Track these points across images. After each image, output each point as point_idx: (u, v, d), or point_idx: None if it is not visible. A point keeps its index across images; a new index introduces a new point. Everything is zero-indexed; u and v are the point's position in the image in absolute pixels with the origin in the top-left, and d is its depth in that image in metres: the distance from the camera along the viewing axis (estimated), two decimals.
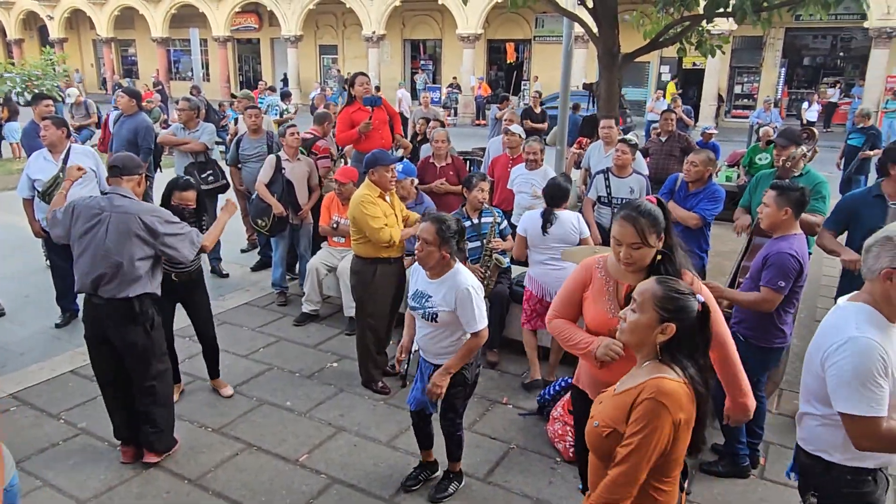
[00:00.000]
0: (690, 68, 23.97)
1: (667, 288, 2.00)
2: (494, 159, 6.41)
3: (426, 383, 3.33)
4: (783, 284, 3.31)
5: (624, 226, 2.47)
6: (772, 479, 3.74)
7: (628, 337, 2.05)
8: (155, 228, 3.47)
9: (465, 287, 3.15)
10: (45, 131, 5.29)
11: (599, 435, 2.01)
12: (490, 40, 27.16)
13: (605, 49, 6.87)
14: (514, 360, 5.05)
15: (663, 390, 1.90)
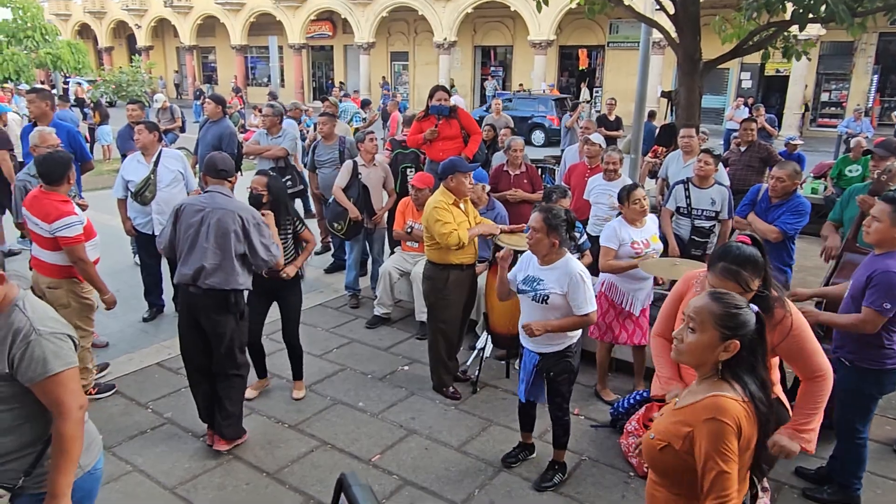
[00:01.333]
0: (773, 75, 23.11)
1: (724, 304, 1.94)
2: (571, 167, 6.35)
3: (530, 375, 3.55)
4: (888, 307, 3.10)
5: (725, 282, 2.45)
6: None
7: (687, 358, 1.98)
8: (247, 227, 3.70)
9: (577, 272, 3.40)
10: (138, 135, 5.58)
11: (654, 448, 1.99)
12: (562, 46, 26.95)
13: (686, 56, 6.71)
14: (585, 370, 4.95)
15: (722, 409, 1.86)
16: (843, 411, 3.47)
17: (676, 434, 1.93)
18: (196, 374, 3.94)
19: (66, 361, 2.08)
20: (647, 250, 4.27)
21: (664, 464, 1.98)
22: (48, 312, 2.15)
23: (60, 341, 2.08)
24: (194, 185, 5.89)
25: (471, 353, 5.13)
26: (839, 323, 3.30)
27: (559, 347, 3.54)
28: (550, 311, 3.44)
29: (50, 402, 2.08)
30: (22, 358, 2.02)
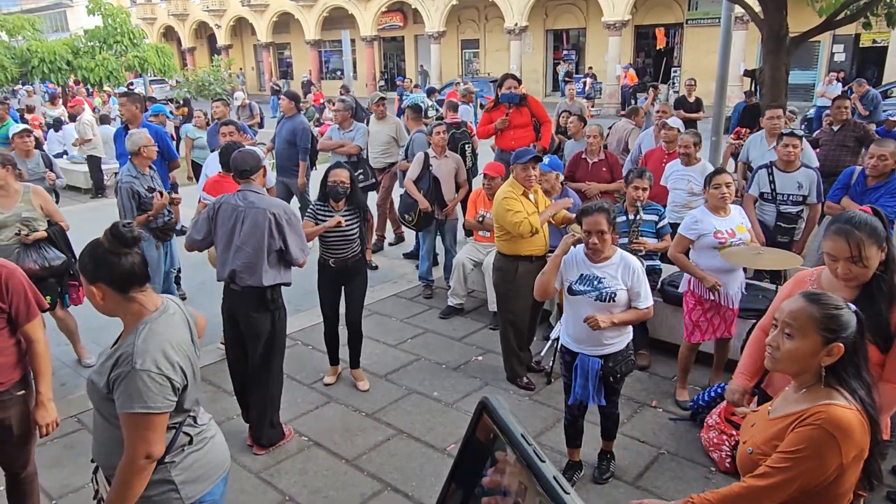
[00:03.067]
0: (869, 46, 21.55)
1: (823, 306, 1.82)
2: (648, 153, 6.17)
3: (588, 380, 3.37)
4: None
5: (837, 240, 2.32)
6: None
7: (786, 366, 1.87)
8: (280, 223, 3.69)
9: (636, 264, 3.35)
10: (227, 136, 5.78)
11: (756, 463, 1.88)
12: (637, 26, 26.10)
13: (771, 32, 6.36)
14: (663, 361, 4.87)
15: (836, 421, 1.74)
16: None
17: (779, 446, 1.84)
18: (238, 375, 4.01)
19: (149, 406, 1.96)
20: (731, 240, 4.03)
21: None
22: (161, 347, 2.02)
23: (153, 382, 1.96)
24: (272, 182, 6.09)
25: (545, 344, 5.09)
26: None
27: (622, 346, 3.43)
28: (614, 309, 3.32)
29: (124, 437, 2.01)
30: (117, 384, 1.98)
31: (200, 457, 2.21)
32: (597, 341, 3.36)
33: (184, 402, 2.12)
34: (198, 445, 2.22)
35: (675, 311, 4.66)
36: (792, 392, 1.93)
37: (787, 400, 1.92)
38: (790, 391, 1.94)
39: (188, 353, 2.14)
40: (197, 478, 2.20)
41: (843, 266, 2.30)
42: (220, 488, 2.32)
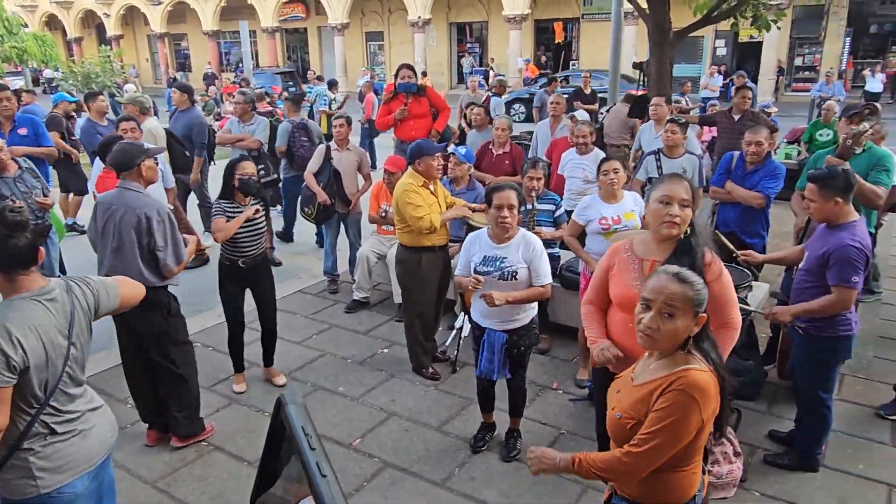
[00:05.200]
0: (747, 41, 23.05)
1: (693, 285, 1.96)
2: (554, 143, 6.34)
3: (494, 353, 3.53)
4: (856, 279, 3.14)
5: (677, 183, 2.55)
6: (832, 466, 3.62)
7: (664, 344, 1.97)
8: (152, 226, 3.45)
9: (536, 242, 3.49)
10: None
11: (624, 426, 2.00)
12: (537, 20, 26.75)
13: (656, 25, 6.69)
14: (564, 345, 5.03)
15: (695, 384, 1.88)
16: (805, 380, 3.52)
17: (645, 410, 1.95)
18: (134, 376, 3.85)
19: None
20: (616, 227, 4.20)
21: (628, 438, 1.99)
22: (3, 322, 2.06)
23: None
24: (171, 182, 5.83)
25: (449, 334, 5.15)
26: (814, 309, 3.26)
27: (527, 321, 3.58)
28: (515, 287, 3.44)
29: None
30: None
31: (64, 448, 2.23)
32: (504, 316, 3.50)
33: (33, 388, 2.12)
34: (63, 436, 2.24)
35: (573, 296, 4.82)
36: (653, 360, 2.04)
37: (649, 366, 2.04)
38: (650, 358, 2.06)
39: (46, 337, 2.14)
40: (57, 468, 2.21)
41: (676, 208, 2.50)
42: (84, 482, 2.31)
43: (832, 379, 3.50)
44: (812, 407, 3.50)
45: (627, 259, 2.72)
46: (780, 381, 4.36)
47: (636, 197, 4.45)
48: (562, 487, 3.51)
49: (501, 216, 3.39)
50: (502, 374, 3.61)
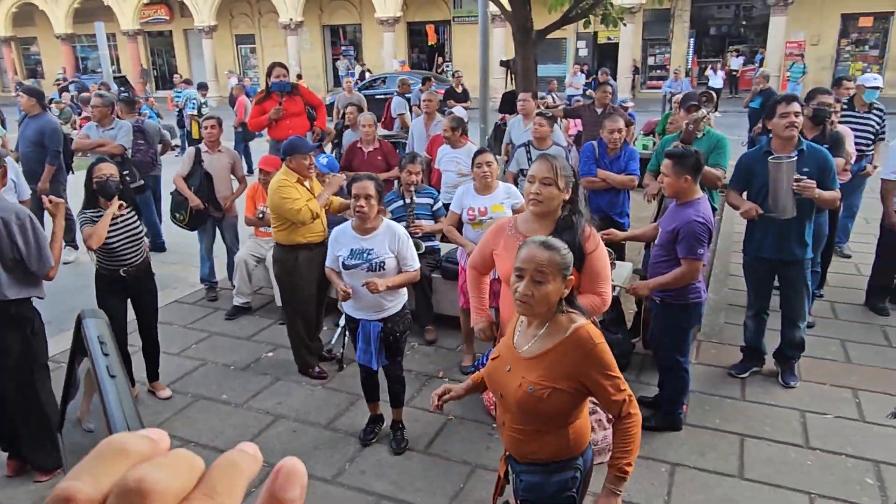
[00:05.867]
0: (606, 43, 24.56)
1: (559, 250, 2.12)
2: (432, 139, 6.45)
3: (370, 343, 3.59)
4: (701, 251, 3.48)
5: (540, 163, 2.76)
6: (693, 423, 3.97)
7: (540, 308, 2.10)
8: (12, 231, 3.21)
9: (401, 231, 3.61)
10: None
11: (539, 398, 2.08)
12: (409, 22, 27.01)
13: (519, 26, 7.01)
14: (447, 334, 5.16)
15: (593, 333, 2.09)
16: (664, 346, 3.87)
17: (559, 376, 2.06)
18: None
19: None
20: (481, 218, 4.37)
21: (547, 409, 2.08)
22: None
23: None
24: (26, 194, 5.41)
25: (335, 331, 5.13)
26: (667, 281, 3.58)
27: (399, 307, 3.69)
28: (383, 278, 3.53)
29: None
30: None
31: None
32: (377, 306, 3.58)
33: None
34: None
35: (455, 287, 4.96)
36: (533, 328, 2.16)
37: (534, 336, 2.15)
38: (530, 328, 2.18)
39: None
40: None
41: (536, 186, 2.72)
42: None
43: (687, 343, 3.84)
44: (671, 370, 3.83)
45: (512, 237, 2.87)
46: (645, 351, 4.70)
47: (510, 188, 4.62)
48: (451, 470, 3.62)
49: (359, 205, 3.47)
50: (379, 362, 3.69)
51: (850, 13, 21.38)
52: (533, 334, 2.16)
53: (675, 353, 3.78)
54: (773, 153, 4.00)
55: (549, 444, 2.16)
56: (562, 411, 2.12)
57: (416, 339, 5.06)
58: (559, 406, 2.09)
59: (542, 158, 2.81)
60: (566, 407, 2.11)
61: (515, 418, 2.18)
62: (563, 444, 2.17)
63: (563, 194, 2.78)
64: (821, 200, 3.94)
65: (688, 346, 3.87)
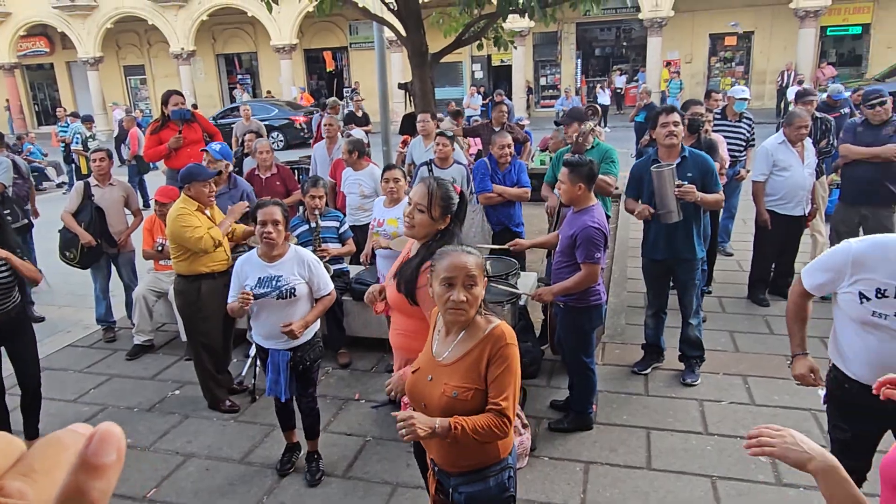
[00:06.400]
0: (500, 65, 25.44)
1: (476, 254, 2.21)
2: (336, 163, 6.44)
3: (279, 374, 3.50)
4: (598, 255, 3.65)
5: (419, 187, 2.71)
6: (603, 422, 4.14)
7: (474, 311, 2.17)
8: None
9: (310, 256, 3.55)
10: None
11: (464, 401, 2.11)
12: (307, 50, 26.89)
13: (414, 49, 7.15)
14: (362, 356, 5.14)
15: (508, 333, 2.15)
16: (570, 348, 4.02)
17: (479, 376, 2.11)
18: None
19: None
20: (377, 228, 4.57)
21: (471, 411, 2.10)
22: None
23: None
24: None
25: (245, 362, 5.00)
26: (569, 286, 3.73)
27: (310, 336, 3.60)
28: (295, 305, 3.47)
29: None
30: None
31: None
32: (286, 335, 3.47)
33: None
34: None
35: (366, 308, 4.92)
36: (452, 336, 2.21)
37: (452, 342, 2.20)
38: (448, 337, 2.22)
39: None
40: None
41: (411, 209, 2.70)
42: None
43: (591, 344, 4.02)
44: (579, 371, 3.99)
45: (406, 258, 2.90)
46: (554, 357, 4.87)
47: None
48: (372, 492, 3.60)
49: (266, 231, 3.38)
50: (291, 392, 3.60)
51: (716, 33, 23.31)
52: (452, 341, 2.20)
53: (581, 354, 3.95)
54: (660, 161, 4.29)
55: (479, 448, 2.17)
56: (471, 412, 2.12)
57: (329, 364, 5.01)
58: (473, 408, 2.11)
59: (422, 183, 2.73)
60: (475, 409, 2.12)
61: None
62: (493, 446, 2.19)
63: (436, 224, 2.68)
64: (704, 202, 4.24)
65: (592, 348, 4.05)
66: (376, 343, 5.06)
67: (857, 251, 2.36)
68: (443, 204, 2.67)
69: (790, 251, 5.77)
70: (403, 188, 4.66)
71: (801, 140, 5.40)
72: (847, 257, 2.37)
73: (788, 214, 5.50)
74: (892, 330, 2.33)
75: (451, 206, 2.70)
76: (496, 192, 5.42)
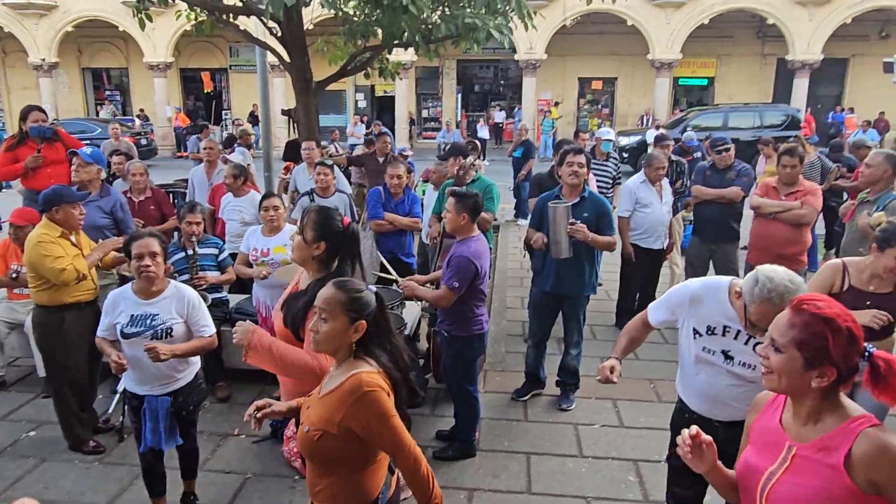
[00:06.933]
0: (383, 95, 25.80)
1: (348, 291, 2.12)
2: (214, 188, 6.22)
3: (158, 422, 3.20)
4: (458, 285, 3.73)
5: (302, 214, 2.75)
6: (485, 448, 4.24)
7: (325, 346, 2.13)
8: None
9: (191, 294, 3.27)
10: None
11: (311, 439, 2.07)
12: (183, 69, 25.84)
13: (299, 76, 7.13)
14: (241, 388, 4.96)
15: (368, 382, 2.03)
16: (455, 377, 4.11)
17: (330, 420, 2.04)
18: None
19: None
20: (263, 258, 4.46)
21: (322, 452, 2.07)
22: None
23: None
24: None
25: (112, 398, 4.66)
26: (426, 296, 3.92)
27: (191, 377, 3.35)
28: (173, 344, 3.17)
29: None
30: None
31: None
32: (164, 378, 3.23)
33: None
34: None
35: None
36: (334, 370, 2.20)
37: (332, 377, 2.18)
38: (334, 369, 2.21)
39: None
40: None
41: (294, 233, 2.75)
42: None
43: (474, 372, 4.14)
44: (462, 399, 4.10)
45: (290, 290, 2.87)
46: (439, 385, 4.95)
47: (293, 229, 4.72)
48: None
49: (144, 265, 3.09)
50: (171, 442, 3.30)
51: (585, 77, 25.11)
52: (331, 374, 2.19)
53: (465, 382, 4.05)
54: (562, 198, 4.53)
55: (331, 486, 2.13)
56: (333, 457, 2.08)
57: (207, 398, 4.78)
58: (329, 450, 2.07)
59: (303, 211, 2.76)
60: (336, 453, 2.07)
61: (309, 461, 2.19)
62: (347, 490, 2.14)
63: (309, 249, 2.67)
64: (595, 243, 4.48)
65: (475, 375, 4.17)
66: (257, 375, 4.86)
67: (693, 290, 2.60)
68: (315, 228, 2.65)
69: (652, 282, 6.26)
70: (283, 216, 4.62)
71: (659, 180, 5.91)
72: (685, 296, 2.62)
73: (650, 248, 5.97)
74: (718, 366, 2.55)
75: (326, 231, 2.66)
76: (387, 219, 5.49)
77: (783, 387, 1.70)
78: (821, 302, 1.66)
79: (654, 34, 22.11)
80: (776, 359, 1.69)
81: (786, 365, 1.67)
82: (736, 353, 2.52)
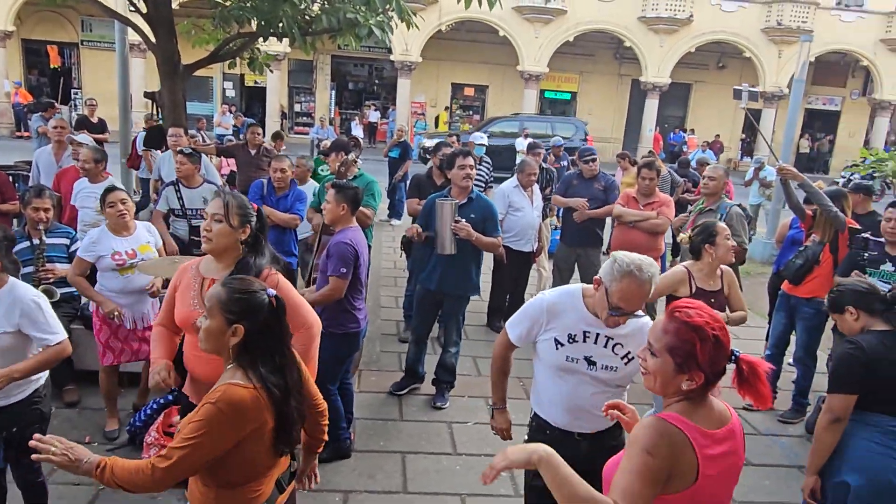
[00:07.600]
0: (253, 86, 24.83)
1: (230, 290, 1.97)
2: (61, 172, 5.63)
3: None
4: (345, 270, 3.71)
5: (214, 200, 2.66)
6: (360, 449, 4.20)
7: (205, 345, 2.00)
8: None
9: (31, 299, 2.76)
10: None
11: None
12: (26, 40, 23.29)
13: (165, 58, 6.68)
14: (92, 393, 4.53)
15: (228, 399, 1.86)
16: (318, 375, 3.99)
17: None
18: None
19: None
20: (131, 261, 4.00)
21: None
22: None
23: None
24: None
25: None
26: (315, 298, 3.74)
27: (24, 395, 2.85)
28: (5, 354, 2.73)
29: None
30: None
31: None
32: None
33: None
34: None
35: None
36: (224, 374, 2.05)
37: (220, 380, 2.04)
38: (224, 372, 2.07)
39: None
40: None
41: (207, 222, 2.64)
42: None
43: (338, 371, 3.99)
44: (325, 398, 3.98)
45: (191, 278, 2.68)
46: None
47: (148, 226, 4.37)
48: None
49: None
50: None
51: (457, 83, 25.73)
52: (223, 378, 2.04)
53: (326, 381, 3.90)
54: (453, 198, 4.61)
55: (198, 495, 2.04)
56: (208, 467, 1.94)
57: (54, 402, 4.32)
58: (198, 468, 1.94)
59: (217, 194, 2.71)
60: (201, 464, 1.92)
61: None
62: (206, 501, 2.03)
63: (236, 233, 2.64)
64: (479, 243, 4.62)
65: (338, 375, 4.02)
66: None
67: (549, 301, 2.64)
68: (240, 212, 2.65)
69: (522, 283, 6.51)
70: (132, 210, 4.14)
71: (530, 185, 6.16)
72: (542, 307, 2.64)
73: (520, 250, 6.20)
74: (581, 374, 2.58)
75: (248, 216, 2.68)
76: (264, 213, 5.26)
77: (658, 387, 1.81)
78: (692, 310, 1.77)
79: (523, 46, 23.09)
80: (652, 362, 1.80)
81: (660, 368, 1.78)
82: (598, 357, 2.55)
